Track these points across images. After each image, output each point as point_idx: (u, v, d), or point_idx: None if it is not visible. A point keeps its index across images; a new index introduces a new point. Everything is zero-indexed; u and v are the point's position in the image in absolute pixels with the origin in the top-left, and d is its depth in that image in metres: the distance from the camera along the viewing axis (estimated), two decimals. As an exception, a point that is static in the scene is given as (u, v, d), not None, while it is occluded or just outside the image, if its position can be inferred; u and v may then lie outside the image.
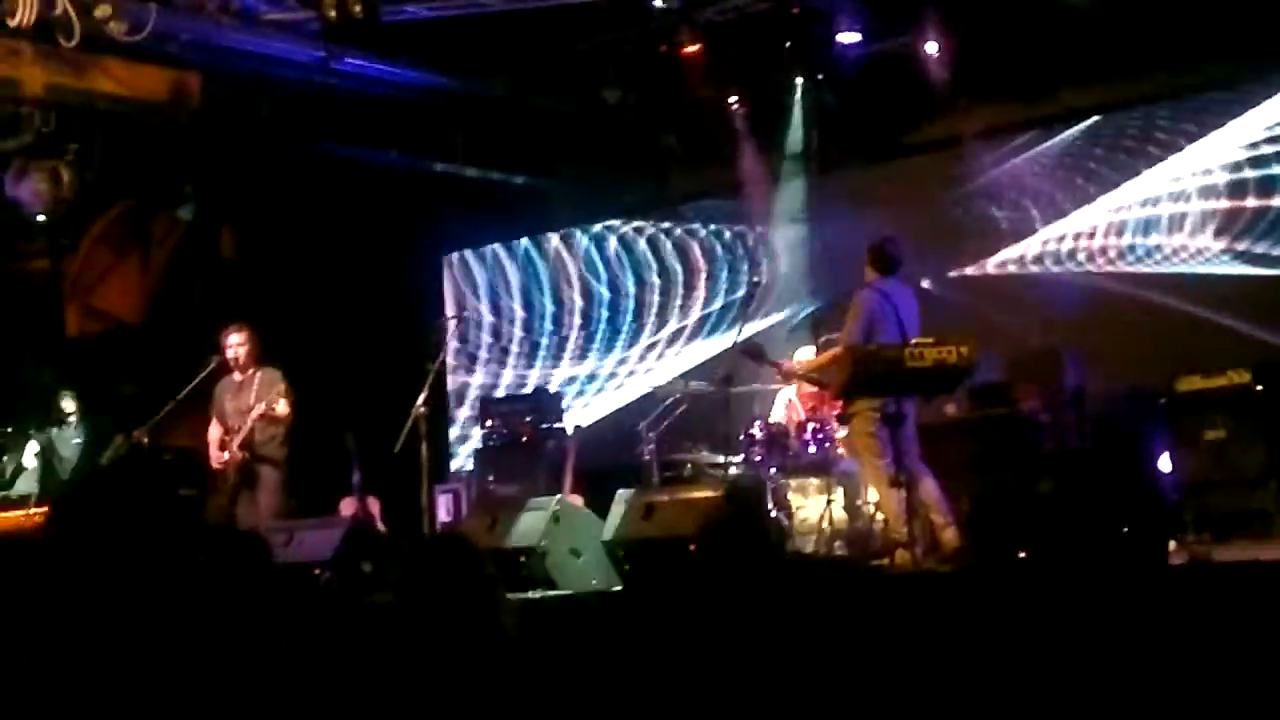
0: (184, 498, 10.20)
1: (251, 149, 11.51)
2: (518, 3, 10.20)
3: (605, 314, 13.43)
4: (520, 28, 10.70)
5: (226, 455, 9.63)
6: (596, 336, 13.46)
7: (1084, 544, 6.92)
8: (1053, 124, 11.12)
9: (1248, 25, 9.74)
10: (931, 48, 10.63)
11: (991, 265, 11.27)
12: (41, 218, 10.53)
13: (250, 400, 9.61)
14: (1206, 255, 10.46)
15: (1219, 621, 4.81)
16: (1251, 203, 10.30)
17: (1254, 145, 10.28)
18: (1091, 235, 10.88)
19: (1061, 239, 11.01)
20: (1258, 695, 4.43)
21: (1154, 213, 10.68)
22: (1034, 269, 11.12)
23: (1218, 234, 10.40)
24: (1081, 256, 10.93)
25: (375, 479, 10.50)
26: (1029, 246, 11.12)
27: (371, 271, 13.05)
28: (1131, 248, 10.75)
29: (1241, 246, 10.30)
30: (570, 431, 11.45)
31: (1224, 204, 10.41)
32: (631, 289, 13.30)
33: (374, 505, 10.55)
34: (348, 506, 10.41)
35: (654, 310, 13.16)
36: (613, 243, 13.41)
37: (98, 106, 9.97)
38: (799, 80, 11.48)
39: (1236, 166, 10.36)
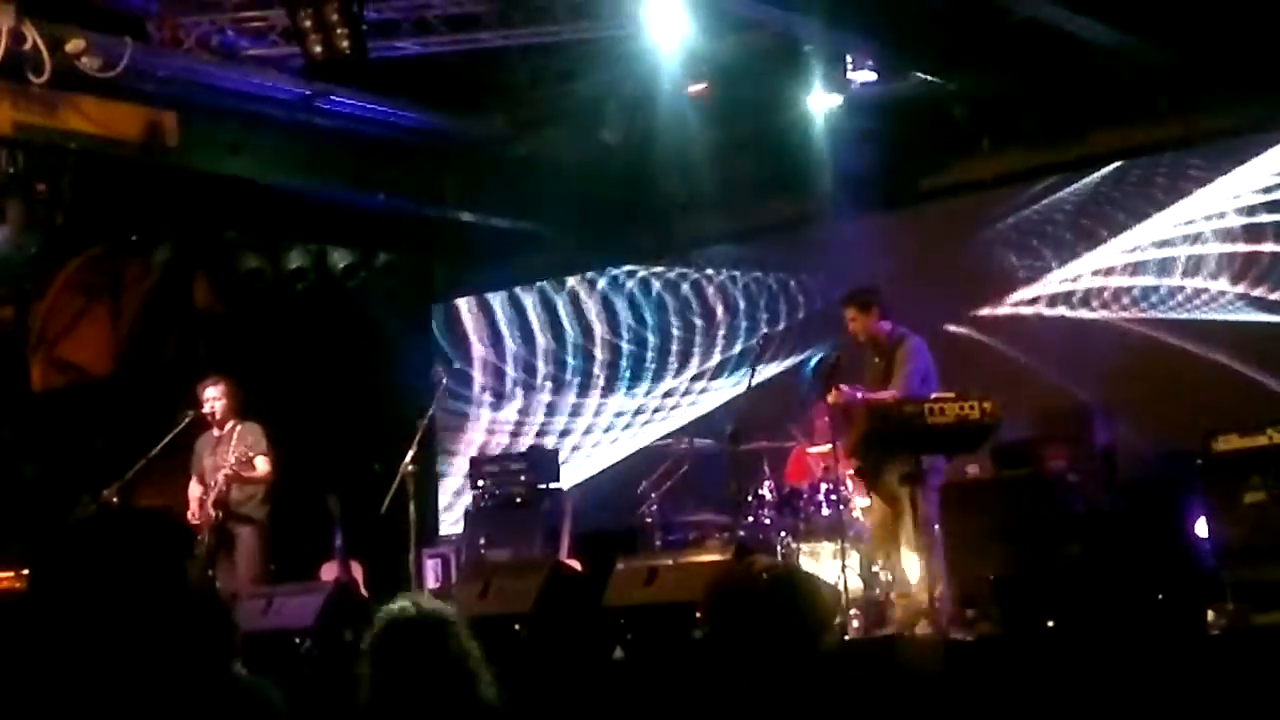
0: (161, 562, 10.19)
1: (229, 192, 11.58)
2: (515, 38, 10.30)
3: (605, 365, 13.51)
4: (518, 65, 10.81)
5: (200, 515, 9.67)
6: (596, 389, 13.51)
7: (1116, 612, 6.95)
8: (1077, 169, 11.24)
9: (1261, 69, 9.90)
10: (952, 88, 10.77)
11: (1006, 308, 11.39)
12: (8, 263, 10.57)
13: (228, 457, 9.65)
14: (1223, 301, 10.58)
15: (1260, 691, 4.84)
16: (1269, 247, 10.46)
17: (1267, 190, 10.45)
18: (1108, 273, 11.00)
19: (1077, 279, 11.11)
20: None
21: (1170, 254, 10.79)
22: (1048, 312, 11.21)
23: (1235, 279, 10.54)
24: (1097, 299, 11.04)
25: (360, 542, 10.51)
26: (1044, 288, 11.24)
27: (358, 322, 13.09)
28: (1146, 291, 10.86)
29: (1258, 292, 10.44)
30: (567, 491, 11.47)
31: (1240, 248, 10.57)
32: (632, 339, 13.40)
33: (357, 570, 10.56)
34: (329, 571, 10.43)
35: (658, 361, 13.23)
36: (608, 291, 13.52)
37: (68, 146, 10.01)
38: (812, 121, 11.55)
39: (1250, 210, 10.50)
